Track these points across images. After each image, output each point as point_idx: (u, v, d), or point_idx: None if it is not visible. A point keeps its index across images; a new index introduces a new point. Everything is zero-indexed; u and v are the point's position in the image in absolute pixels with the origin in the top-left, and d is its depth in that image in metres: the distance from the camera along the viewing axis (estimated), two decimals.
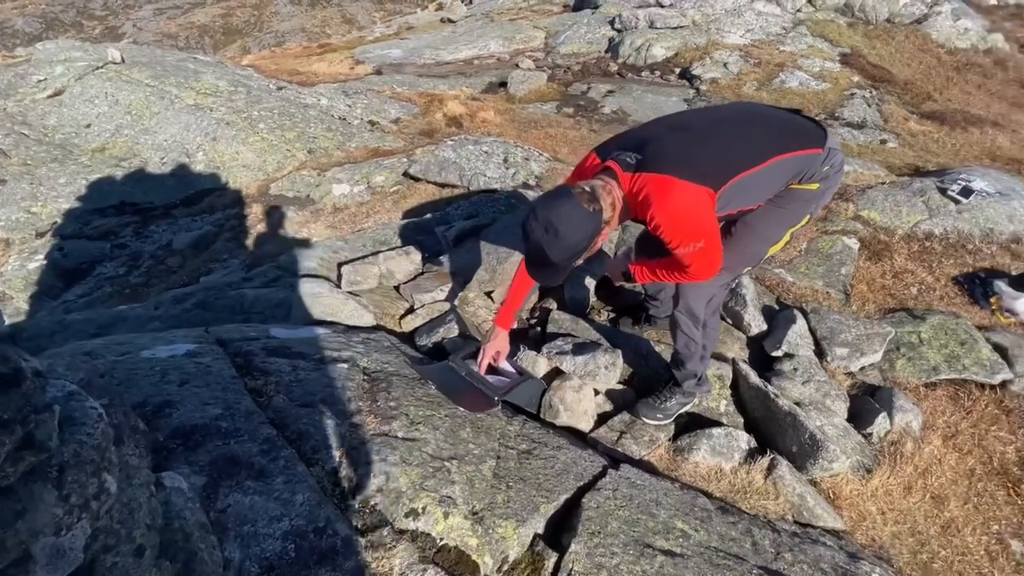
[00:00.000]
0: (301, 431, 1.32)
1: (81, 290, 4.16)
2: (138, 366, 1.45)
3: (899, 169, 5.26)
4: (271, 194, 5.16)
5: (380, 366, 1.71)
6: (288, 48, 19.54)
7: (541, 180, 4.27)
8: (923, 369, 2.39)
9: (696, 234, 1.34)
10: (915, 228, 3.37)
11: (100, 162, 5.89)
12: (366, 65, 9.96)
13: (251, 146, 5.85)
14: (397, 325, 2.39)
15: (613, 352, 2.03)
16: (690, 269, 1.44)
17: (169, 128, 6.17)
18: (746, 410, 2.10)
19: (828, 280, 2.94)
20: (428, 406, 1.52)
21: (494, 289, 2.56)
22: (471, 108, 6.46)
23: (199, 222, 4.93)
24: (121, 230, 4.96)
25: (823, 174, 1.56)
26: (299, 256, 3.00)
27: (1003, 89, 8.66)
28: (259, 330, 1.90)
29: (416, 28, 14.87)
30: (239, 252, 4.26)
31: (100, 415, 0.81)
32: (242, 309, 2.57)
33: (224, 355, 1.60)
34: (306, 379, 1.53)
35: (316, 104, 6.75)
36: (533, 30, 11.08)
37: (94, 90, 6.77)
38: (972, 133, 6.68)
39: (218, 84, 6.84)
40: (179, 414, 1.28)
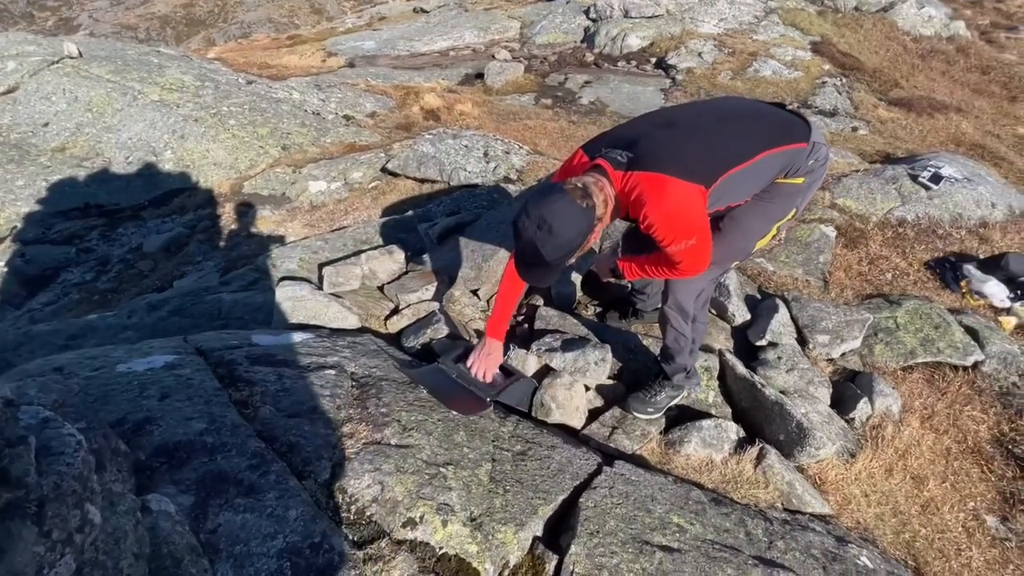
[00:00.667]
0: (291, 443, 1.28)
1: (47, 298, 3.99)
2: (114, 381, 1.39)
3: (870, 156, 5.39)
4: (245, 193, 5.01)
5: (368, 371, 1.67)
6: (256, 40, 18.96)
7: (522, 174, 4.24)
8: (900, 353, 2.46)
9: (688, 231, 1.34)
10: (889, 215, 3.46)
11: (60, 162, 5.64)
12: (338, 57, 9.73)
13: (222, 143, 5.66)
14: (383, 326, 2.35)
15: (602, 347, 2.03)
16: (680, 266, 1.44)
17: (133, 126, 5.93)
18: (734, 400, 2.13)
19: (807, 268, 3.00)
20: (420, 411, 1.50)
21: (480, 287, 2.54)
22: (448, 101, 6.37)
23: (170, 223, 4.76)
24: (87, 233, 4.76)
25: (808, 168, 1.58)
26: (278, 257, 2.92)
27: (965, 76, 8.93)
28: (240, 337, 1.85)
29: (389, 18, 14.57)
30: (213, 254, 4.13)
31: (79, 442, 0.77)
32: (220, 315, 2.49)
33: (205, 366, 1.54)
34: (293, 388, 1.49)
35: (288, 98, 6.57)
36: (508, 20, 10.97)
37: (51, 86, 6.45)
38: (938, 119, 6.88)
39: (184, 79, 6.59)
40: (161, 431, 1.23)
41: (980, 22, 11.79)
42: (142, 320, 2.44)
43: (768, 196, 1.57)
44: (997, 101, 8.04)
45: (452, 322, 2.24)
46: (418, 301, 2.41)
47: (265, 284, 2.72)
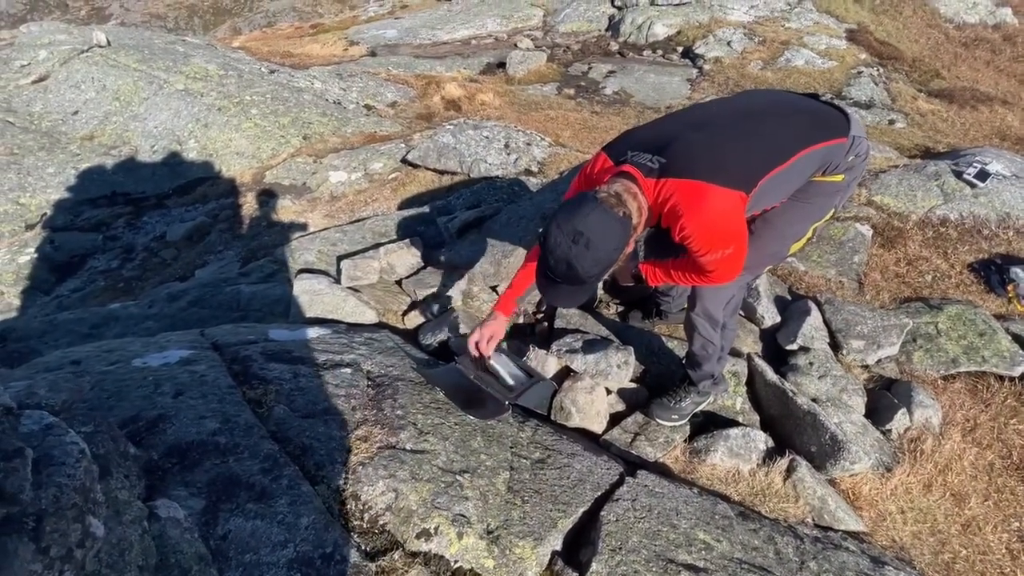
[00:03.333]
0: (304, 445, 1.25)
1: (74, 284, 4.07)
2: (129, 377, 1.37)
3: (909, 151, 5.15)
4: (266, 182, 5.04)
5: (385, 370, 1.63)
6: (280, 28, 19.11)
7: (544, 166, 4.15)
8: (941, 361, 2.33)
9: (727, 241, 1.24)
10: (930, 213, 3.28)
11: (89, 150, 5.75)
12: (360, 46, 9.70)
13: (244, 132, 5.70)
14: (400, 322, 2.31)
15: (625, 350, 1.96)
16: (712, 275, 1.35)
17: (159, 114, 6.01)
18: (763, 408, 2.04)
19: (841, 268, 2.86)
20: (437, 413, 1.45)
21: (499, 283, 2.48)
22: (469, 90, 6.29)
23: (193, 212, 4.82)
24: (113, 221, 4.85)
25: (848, 164, 1.47)
26: (296, 249, 2.91)
27: (1011, 65, 8.47)
28: (257, 332, 1.83)
29: (411, 6, 14.49)
30: (234, 244, 4.16)
31: (82, 451, 0.73)
32: (239, 306, 2.49)
33: (220, 362, 1.52)
34: (308, 387, 1.45)
35: (310, 88, 6.57)
36: (531, 8, 10.79)
37: (80, 75, 6.57)
38: (981, 112, 6.54)
39: (208, 68, 6.64)
40: (174, 429, 1.21)
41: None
42: (162, 310, 2.45)
43: (805, 196, 1.46)
44: None
45: (470, 319, 2.18)
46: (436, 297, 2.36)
47: (283, 276, 2.71)
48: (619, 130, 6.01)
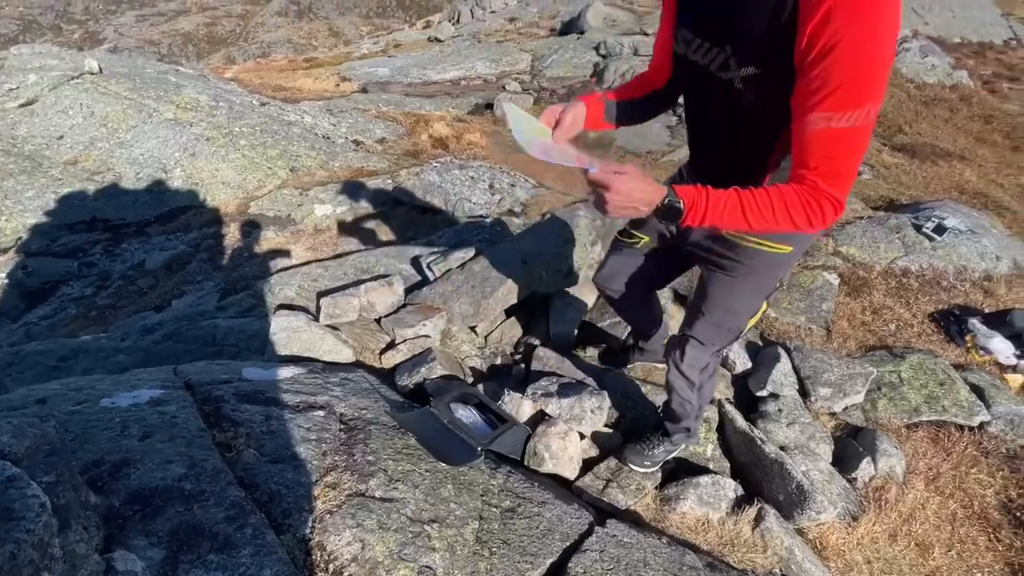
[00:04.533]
0: (272, 492, 1.24)
1: (44, 311, 3.97)
2: (96, 417, 1.35)
3: (875, 201, 5.40)
4: (251, 213, 5.05)
5: (358, 412, 1.63)
6: (274, 60, 19.49)
7: (526, 207, 4.26)
8: (904, 410, 2.41)
9: (880, 84, 0.87)
10: (892, 264, 3.44)
11: (72, 175, 5.71)
12: (352, 82, 9.94)
13: (231, 163, 5.74)
14: (377, 360, 2.32)
15: (600, 395, 1.99)
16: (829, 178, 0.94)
17: (146, 142, 6.03)
18: (732, 454, 2.07)
19: (810, 316, 2.96)
20: (408, 460, 1.45)
21: (477, 324, 2.51)
22: (457, 130, 6.46)
23: (174, 241, 4.78)
24: (90, 247, 4.78)
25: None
26: (277, 284, 2.91)
27: (968, 124, 9.04)
28: (231, 370, 1.82)
29: (404, 46, 14.96)
30: (215, 274, 4.13)
31: (43, 504, 0.73)
32: (215, 341, 2.47)
33: (192, 402, 1.51)
34: (279, 430, 1.45)
35: (300, 121, 6.68)
36: (519, 53, 11.23)
37: (69, 100, 6.59)
38: (941, 166, 6.93)
39: (199, 98, 6.73)
40: (138, 475, 1.19)
41: (983, 72, 12.02)
42: (135, 343, 2.42)
43: (753, 268, 1.33)
44: (1000, 151, 8.11)
45: (447, 360, 2.20)
46: (414, 336, 2.38)
47: (262, 311, 2.70)
48: None
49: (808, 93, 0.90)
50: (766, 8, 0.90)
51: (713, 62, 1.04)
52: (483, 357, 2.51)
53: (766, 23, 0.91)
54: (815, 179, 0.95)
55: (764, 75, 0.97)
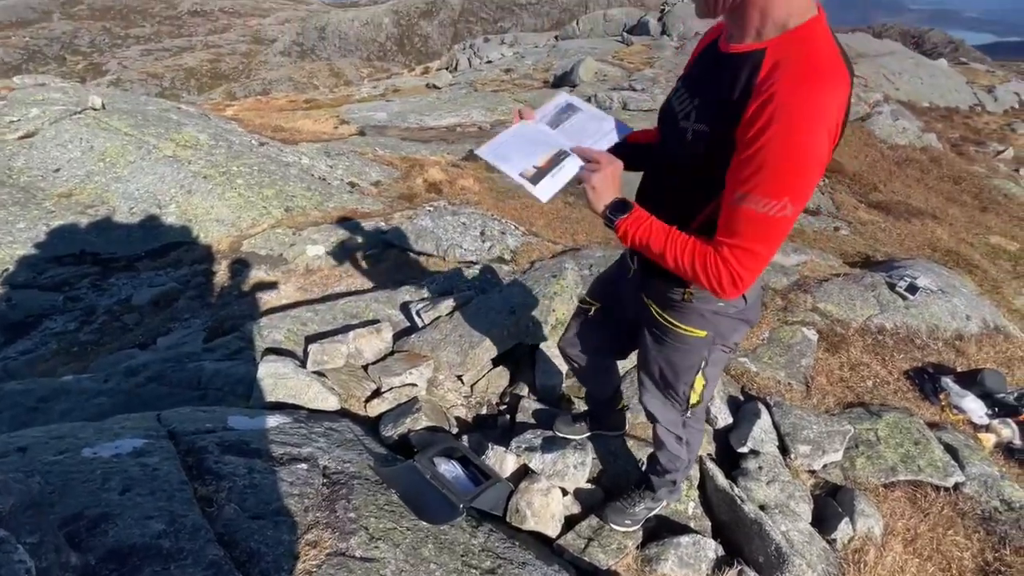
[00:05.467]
0: (252, 551, 1.23)
1: (24, 346, 3.91)
2: (77, 469, 1.35)
3: (851, 257, 5.61)
4: (243, 251, 5.09)
5: (341, 466, 1.64)
6: (274, 98, 19.99)
7: (516, 255, 4.36)
8: (881, 469, 2.45)
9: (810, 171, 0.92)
10: (868, 321, 3.55)
11: (65, 208, 5.74)
12: (350, 125, 10.22)
13: (227, 201, 5.81)
14: (363, 408, 2.32)
15: (583, 450, 2.01)
16: (736, 259, 1.00)
17: (143, 178, 6.10)
18: (713, 512, 2.08)
19: (790, 371, 3.04)
20: (390, 517, 1.45)
21: (464, 373, 2.54)
22: (451, 175, 6.65)
23: (163, 277, 4.78)
24: (77, 281, 4.76)
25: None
26: (265, 327, 2.92)
27: (939, 184, 9.50)
28: (216, 418, 1.82)
29: (402, 91, 15.50)
30: (203, 312, 4.12)
31: (28, 570, 0.74)
32: (200, 384, 2.46)
33: (174, 453, 1.51)
34: (261, 484, 1.45)
35: (297, 162, 6.83)
36: (514, 102, 11.69)
37: (69, 135, 6.69)
38: (914, 224, 7.24)
39: (199, 137, 6.87)
40: (117, 531, 1.18)
41: (951, 135, 12.72)
42: (118, 385, 2.40)
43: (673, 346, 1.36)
44: (969, 210, 8.50)
45: (433, 411, 2.21)
46: (401, 385, 2.40)
47: (249, 354, 2.70)
48: (591, 222, 6.39)
49: (738, 168, 0.97)
50: (732, 75, 0.98)
51: (682, 111, 1.12)
52: (469, 407, 2.52)
53: (726, 89, 0.99)
54: (726, 251, 1.02)
55: (710, 135, 1.03)
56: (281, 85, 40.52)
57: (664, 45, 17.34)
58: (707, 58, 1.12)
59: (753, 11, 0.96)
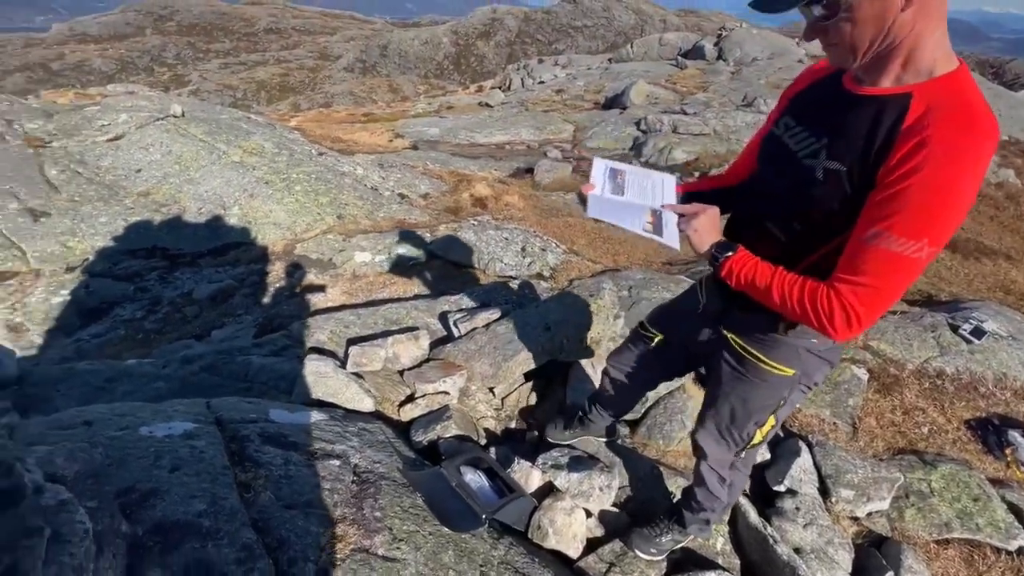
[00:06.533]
0: (282, 538, 1.29)
1: (96, 329, 4.25)
2: (134, 445, 1.46)
3: (912, 295, 5.29)
4: (296, 254, 5.35)
5: (371, 465, 1.69)
6: (335, 111, 21.02)
7: (555, 272, 4.38)
8: (934, 523, 2.28)
9: (945, 226, 0.93)
10: (926, 364, 3.34)
11: (142, 206, 6.23)
12: (404, 139, 10.61)
13: (285, 206, 6.15)
14: (396, 412, 2.38)
15: (610, 472, 1.99)
16: (860, 291, 0.98)
17: (212, 181, 6.55)
18: (744, 550, 2.00)
19: (835, 410, 2.89)
20: (414, 520, 1.49)
21: (496, 385, 2.56)
22: (497, 191, 6.77)
23: (221, 274, 5.09)
24: (147, 273, 5.14)
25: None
26: (311, 327, 3.06)
27: (1015, 223, 8.84)
28: (259, 410, 1.92)
29: (455, 108, 15.97)
30: (254, 309, 4.35)
31: (87, 531, 0.82)
32: (247, 377, 2.60)
33: (220, 439, 1.60)
34: (296, 476, 1.51)
35: (352, 172, 7.15)
36: (563, 123, 11.81)
37: (151, 139, 7.29)
38: (985, 264, 6.75)
39: (264, 145, 7.32)
40: (163, 506, 1.27)
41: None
42: (175, 372, 2.57)
43: (754, 384, 1.34)
44: None
45: (463, 420, 2.25)
46: (434, 392, 2.45)
47: (294, 352, 2.83)
48: (632, 243, 6.33)
49: (877, 205, 0.96)
50: (876, 115, 0.99)
51: (804, 149, 1.11)
52: (498, 419, 2.54)
53: (868, 127, 0.99)
54: (846, 288, 1.00)
55: (846, 174, 1.02)
56: (343, 99, 42.57)
57: (719, 70, 17.12)
58: (827, 97, 1.12)
59: (896, 58, 0.98)
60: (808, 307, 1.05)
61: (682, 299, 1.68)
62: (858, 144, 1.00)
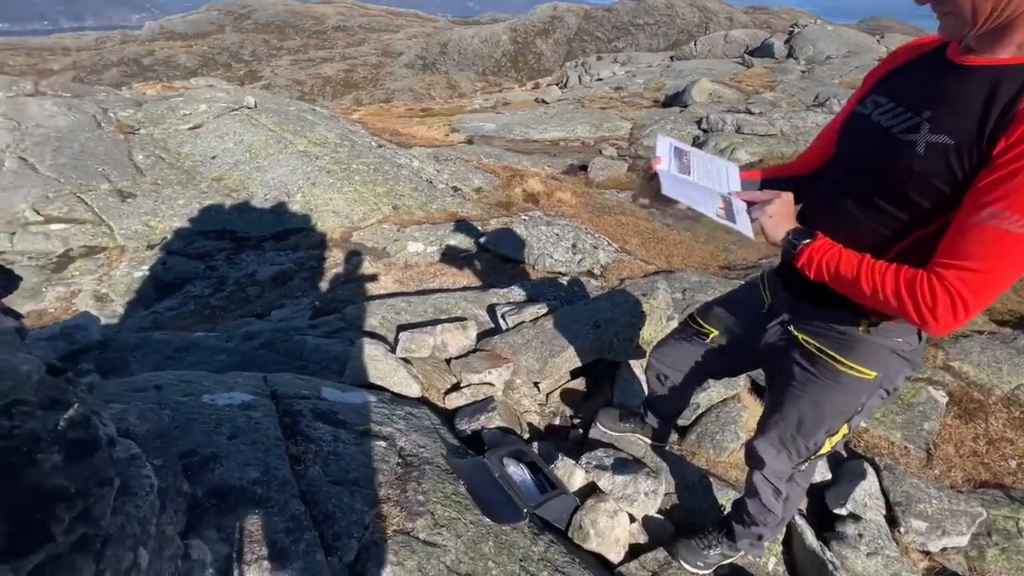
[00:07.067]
0: (328, 513, 1.32)
1: (170, 303, 4.56)
2: (197, 411, 1.53)
3: (1000, 314, 4.80)
4: (352, 241, 5.53)
5: (416, 449, 1.70)
6: (395, 106, 21.60)
7: (606, 270, 4.29)
8: (1020, 567, 2.05)
9: None
10: (1017, 391, 3.02)
11: (215, 191, 6.62)
12: (460, 133, 10.73)
13: (344, 195, 6.36)
14: (441, 400, 2.40)
15: (656, 478, 1.91)
16: (967, 277, 0.90)
17: (278, 169, 6.87)
18: (796, 573, 1.87)
19: (907, 433, 2.66)
20: (456, 507, 1.48)
21: (542, 381, 2.53)
22: (549, 187, 6.72)
23: (283, 257, 5.33)
24: (216, 254, 5.46)
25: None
26: (364, 311, 3.14)
27: None
28: (312, 387, 1.98)
29: (512, 104, 16.01)
30: (311, 292, 4.53)
31: (152, 486, 0.85)
32: (302, 356, 2.69)
33: (274, 412, 1.66)
34: (344, 453, 1.55)
35: (408, 165, 7.30)
36: (620, 120, 11.57)
37: (226, 128, 7.73)
38: None
39: (328, 136, 7.60)
40: (221, 471, 1.33)
41: None
42: (237, 347, 2.70)
43: (829, 386, 1.23)
44: None
45: (507, 411, 2.23)
46: (480, 383, 2.45)
47: (346, 335, 2.92)
48: (687, 245, 6.12)
49: (991, 185, 0.88)
50: (992, 87, 0.91)
51: (901, 124, 1.02)
52: (542, 414, 2.51)
53: (983, 99, 0.91)
54: (952, 274, 0.91)
55: (953, 148, 0.94)
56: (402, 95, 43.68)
57: (789, 68, 16.24)
58: (929, 70, 1.04)
59: (1019, 28, 0.90)
60: (906, 297, 0.94)
61: (742, 295, 1.58)
62: (970, 117, 0.91)
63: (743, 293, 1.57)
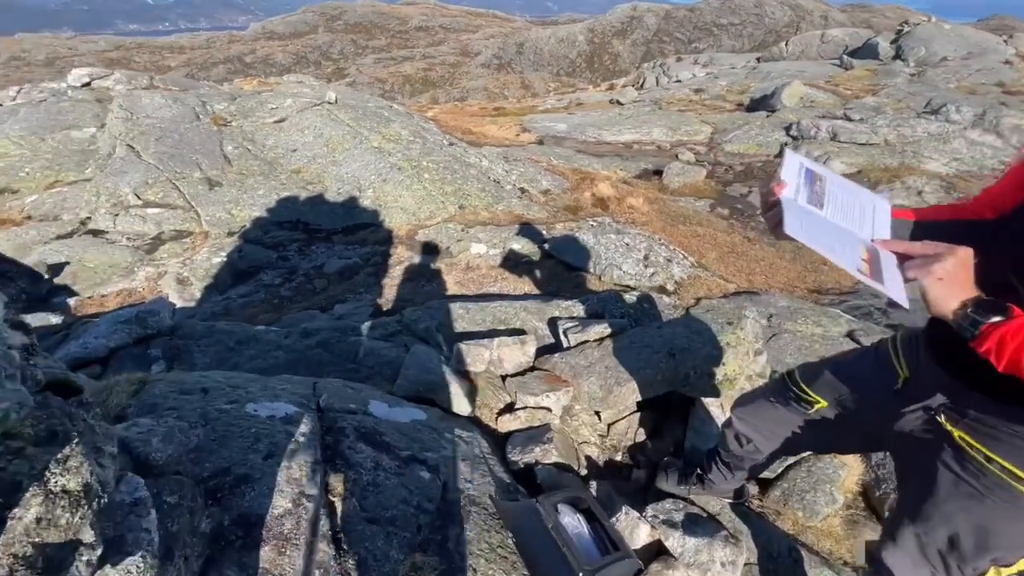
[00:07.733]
0: (360, 559, 1.18)
1: (243, 290, 4.73)
2: (238, 423, 1.45)
3: None
4: (417, 239, 5.51)
5: (463, 485, 1.54)
6: (469, 105, 21.88)
7: (680, 287, 3.95)
8: None
9: None
10: None
11: (293, 183, 6.88)
12: (531, 134, 10.58)
13: (413, 192, 6.39)
14: (493, 420, 2.23)
15: (736, 545, 1.63)
16: None
17: (352, 164, 7.03)
18: None
19: None
20: (501, 563, 1.30)
21: (604, 410, 2.30)
22: (620, 192, 6.40)
23: (350, 252, 5.41)
24: (289, 244, 5.64)
25: None
26: (422, 315, 3.05)
27: None
28: (360, 400, 1.87)
29: (585, 105, 15.67)
30: (374, 288, 4.53)
31: (150, 542, 0.73)
32: (356, 358, 2.63)
33: (317, 429, 1.55)
34: (384, 484, 1.41)
35: (477, 164, 7.23)
36: (700, 124, 10.95)
37: (307, 122, 8.04)
38: None
39: (401, 133, 7.70)
40: (252, 496, 1.22)
41: None
42: (294, 344, 2.68)
43: (991, 504, 0.94)
44: None
45: (565, 444, 2.02)
46: (536, 406, 2.25)
47: (401, 339, 2.82)
48: (771, 262, 5.59)
49: None
50: None
51: None
52: (602, 448, 2.27)
53: None
54: None
55: None
56: (477, 94, 44.34)
57: (895, 71, 14.70)
58: None
59: None
60: None
61: (863, 363, 1.25)
62: None
63: (864, 360, 1.24)
